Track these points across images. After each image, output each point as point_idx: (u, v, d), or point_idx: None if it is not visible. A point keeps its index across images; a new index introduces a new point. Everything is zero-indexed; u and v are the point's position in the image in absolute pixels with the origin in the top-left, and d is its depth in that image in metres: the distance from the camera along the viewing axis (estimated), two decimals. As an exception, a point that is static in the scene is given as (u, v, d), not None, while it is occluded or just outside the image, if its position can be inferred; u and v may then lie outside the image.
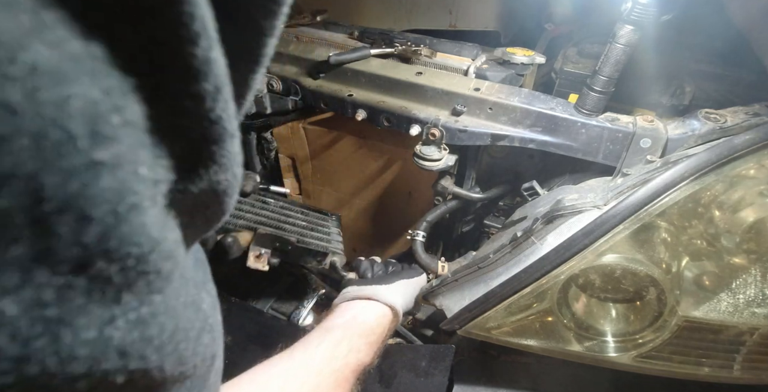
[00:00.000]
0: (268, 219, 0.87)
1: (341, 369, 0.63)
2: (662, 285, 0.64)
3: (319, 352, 0.63)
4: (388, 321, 0.77)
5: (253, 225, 0.83)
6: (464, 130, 0.83)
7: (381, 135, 1.06)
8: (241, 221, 0.82)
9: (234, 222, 0.81)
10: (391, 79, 0.90)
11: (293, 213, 0.94)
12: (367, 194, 1.20)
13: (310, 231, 0.92)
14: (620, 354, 0.69)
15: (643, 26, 0.68)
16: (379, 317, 0.75)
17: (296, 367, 0.60)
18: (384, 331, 0.75)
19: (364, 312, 0.75)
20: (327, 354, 0.64)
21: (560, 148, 0.80)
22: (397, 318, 0.79)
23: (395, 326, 0.80)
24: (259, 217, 0.86)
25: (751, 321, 0.64)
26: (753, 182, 0.62)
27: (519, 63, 0.90)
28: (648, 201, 0.60)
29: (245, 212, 0.85)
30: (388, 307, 0.77)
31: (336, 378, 0.61)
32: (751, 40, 0.70)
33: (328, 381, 0.60)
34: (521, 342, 0.72)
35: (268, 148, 1.18)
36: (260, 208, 0.89)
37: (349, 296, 0.79)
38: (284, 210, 0.93)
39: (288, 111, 1.04)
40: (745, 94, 0.81)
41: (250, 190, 0.83)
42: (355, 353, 0.66)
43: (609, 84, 0.74)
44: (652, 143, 0.74)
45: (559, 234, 0.65)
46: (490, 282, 0.70)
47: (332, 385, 0.60)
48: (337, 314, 0.75)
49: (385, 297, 0.77)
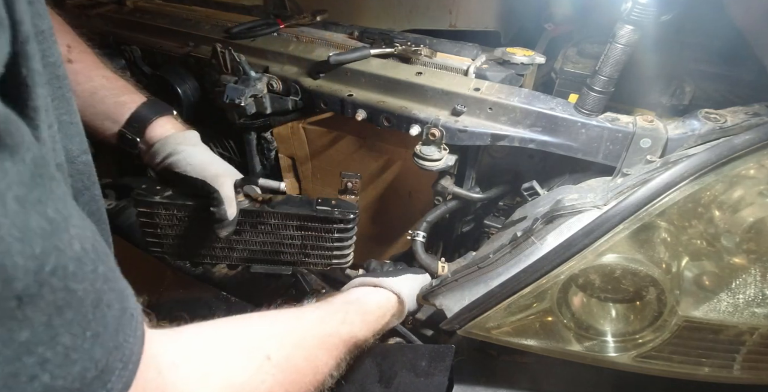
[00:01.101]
0: (261, 246, 0.85)
1: (330, 334, 0.63)
2: (662, 285, 0.64)
3: (312, 315, 0.64)
4: (391, 306, 0.78)
5: (246, 256, 0.83)
6: (464, 130, 0.83)
7: (381, 135, 1.06)
8: (235, 254, 0.82)
9: (229, 256, 0.82)
10: (391, 79, 0.90)
11: (291, 232, 0.86)
12: (367, 194, 1.20)
13: (310, 249, 0.88)
14: (620, 354, 0.69)
15: (643, 26, 0.68)
16: (381, 300, 0.77)
17: (286, 319, 0.60)
18: (385, 314, 0.76)
19: (367, 295, 0.77)
20: (319, 318, 0.64)
21: (560, 148, 0.80)
22: (401, 307, 0.80)
23: (400, 314, 0.81)
24: (251, 247, 0.85)
25: (751, 321, 0.64)
26: (753, 182, 0.62)
27: (519, 63, 0.90)
28: (648, 201, 0.60)
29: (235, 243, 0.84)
30: (393, 294, 0.78)
31: (323, 341, 0.61)
32: (751, 40, 0.70)
33: (314, 341, 0.60)
34: (521, 342, 0.72)
35: (268, 148, 1.18)
36: (251, 234, 0.85)
37: (356, 282, 0.81)
38: (279, 230, 0.86)
39: (288, 111, 1.04)
40: (745, 94, 0.81)
41: (223, 236, 0.79)
42: (349, 325, 0.66)
43: (609, 84, 0.74)
44: (652, 143, 0.74)
45: (559, 234, 0.65)
46: (490, 282, 0.70)
47: (317, 345, 0.60)
48: (341, 294, 0.77)
49: (391, 285, 0.78)
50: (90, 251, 0.30)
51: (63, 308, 0.27)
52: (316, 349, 0.59)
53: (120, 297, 0.33)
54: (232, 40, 1.06)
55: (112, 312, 0.32)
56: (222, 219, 0.77)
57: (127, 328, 0.34)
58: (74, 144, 0.44)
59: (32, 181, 0.26)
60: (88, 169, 0.47)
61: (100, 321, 0.30)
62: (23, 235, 0.24)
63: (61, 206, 0.28)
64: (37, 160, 0.27)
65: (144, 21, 1.20)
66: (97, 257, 0.31)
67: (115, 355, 0.32)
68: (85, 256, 0.29)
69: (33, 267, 0.25)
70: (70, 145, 0.44)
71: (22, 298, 0.25)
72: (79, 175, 0.46)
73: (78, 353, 0.28)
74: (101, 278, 0.31)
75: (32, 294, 0.25)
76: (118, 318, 0.32)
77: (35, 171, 0.27)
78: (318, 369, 0.58)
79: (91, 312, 0.30)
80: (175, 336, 0.46)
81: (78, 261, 0.28)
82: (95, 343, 0.30)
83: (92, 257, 0.30)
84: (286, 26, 1.08)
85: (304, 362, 0.56)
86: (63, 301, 0.27)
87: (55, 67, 0.40)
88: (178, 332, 0.47)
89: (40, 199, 0.26)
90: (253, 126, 1.10)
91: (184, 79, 1.08)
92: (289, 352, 0.54)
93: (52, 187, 0.28)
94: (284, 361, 0.53)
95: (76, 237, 0.29)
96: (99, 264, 0.31)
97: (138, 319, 0.36)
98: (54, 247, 0.26)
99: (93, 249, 0.30)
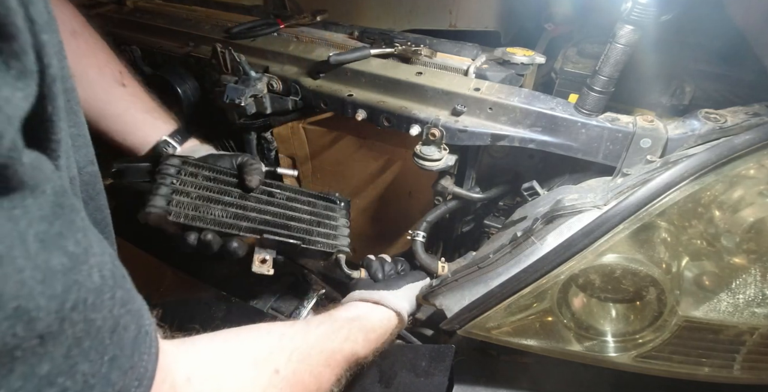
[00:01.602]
0: (273, 217, 0.85)
1: (334, 351, 0.64)
2: (662, 285, 0.64)
3: (318, 330, 0.65)
4: (392, 326, 0.79)
5: (257, 227, 0.82)
6: (464, 130, 0.83)
7: (381, 135, 1.06)
8: (245, 223, 0.81)
9: (239, 225, 0.80)
10: (391, 79, 0.90)
11: (300, 206, 0.91)
12: (367, 194, 1.20)
13: (317, 226, 0.90)
14: (620, 354, 0.69)
15: (643, 26, 0.68)
16: (383, 320, 0.78)
17: (294, 333, 0.61)
18: (385, 333, 0.77)
19: (368, 313, 0.78)
20: (324, 334, 0.65)
21: (560, 148, 0.80)
22: (402, 324, 0.81)
23: (399, 331, 0.82)
24: (264, 216, 0.84)
25: (751, 321, 0.64)
26: (753, 182, 0.62)
27: (519, 63, 0.90)
28: (648, 201, 0.60)
29: (249, 211, 0.83)
30: (394, 312, 0.79)
31: (327, 358, 0.62)
32: (751, 40, 0.70)
33: (319, 356, 0.60)
34: (521, 342, 0.72)
35: (268, 148, 1.18)
36: (266, 203, 0.87)
37: (356, 296, 0.81)
38: (290, 202, 0.91)
39: (288, 111, 1.03)
40: (745, 94, 0.81)
41: (254, 185, 0.83)
42: (351, 343, 0.67)
43: (609, 84, 0.74)
44: (652, 143, 0.74)
45: (559, 234, 0.65)
46: (490, 282, 0.70)
47: (322, 362, 0.61)
48: (343, 309, 0.78)
49: (393, 304, 0.79)
50: (108, 278, 0.31)
51: (82, 338, 0.28)
52: (322, 366, 0.60)
53: (136, 318, 0.34)
54: (232, 40, 1.06)
55: (128, 333, 0.33)
56: (255, 165, 0.85)
57: (143, 346, 0.34)
58: (81, 155, 0.45)
59: (53, 213, 0.27)
60: (94, 179, 0.48)
61: (117, 345, 0.31)
62: (45, 276, 0.25)
63: (81, 236, 0.29)
64: (57, 189, 0.27)
65: (144, 21, 1.20)
66: (115, 283, 0.31)
67: (131, 375, 0.33)
68: (104, 285, 0.30)
69: (55, 306, 0.25)
70: (77, 156, 0.45)
71: (44, 336, 0.25)
72: (85, 186, 0.46)
73: (96, 378, 0.29)
74: (119, 303, 0.31)
75: (53, 331, 0.26)
76: (134, 339, 0.33)
77: (56, 201, 0.27)
78: (321, 384, 0.59)
79: (109, 337, 0.30)
80: (188, 348, 0.46)
81: (97, 291, 0.29)
82: (112, 367, 0.31)
83: (110, 284, 0.31)
84: (286, 26, 1.08)
85: (310, 377, 0.57)
86: (82, 332, 0.28)
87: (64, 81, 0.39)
88: (190, 344, 0.48)
89: (61, 233, 0.27)
90: (253, 126, 1.10)
91: (184, 79, 1.08)
92: (296, 367, 0.55)
93: (73, 217, 0.29)
94: (291, 376, 0.54)
95: (95, 267, 0.29)
96: (117, 289, 0.31)
97: (152, 336, 0.36)
98: (74, 282, 0.27)
99: (111, 276, 0.31)
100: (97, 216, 0.49)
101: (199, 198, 0.80)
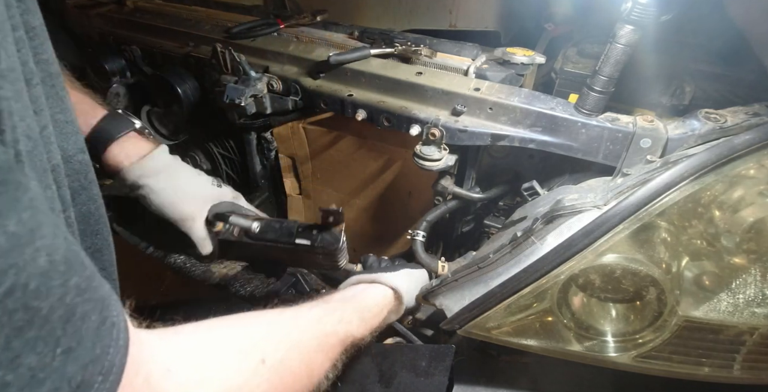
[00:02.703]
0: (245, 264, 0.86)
1: (327, 334, 0.62)
2: (662, 285, 0.64)
3: (309, 314, 0.63)
4: (388, 302, 0.77)
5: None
6: (464, 130, 0.83)
7: (381, 135, 1.06)
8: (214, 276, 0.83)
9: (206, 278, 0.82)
10: (391, 79, 0.90)
11: (275, 253, 0.84)
12: (367, 194, 1.20)
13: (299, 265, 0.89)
14: (620, 354, 0.69)
15: (643, 26, 0.68)
16: (378, 297, 0.76)
17: (283, 320, 0.59)
18: (381, 311, 0.75)
19: (364, 291, 0.76)
20: (317, 318, 0.63)
21: (560, 148, 0.80)
22: (399, 302, 0.79)
23: (398, 309, 0.81)
24: (235, 265, 0.86)
25: (751, 321, 0.64)
26: (753, 182, 0.62)
27: (519, 63, 0.90)
28: (648, 201, 0.60)
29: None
30: (390, 289, 0.78)
31: (320, 343, 0.60)
32: (751, 40, 0.70)
33: (311, 342, 0.59)
34: (521, 342, 0.72)
35: (268, 148, 1.18)
36: (241, 257, 0.85)
37: (353, 280, 0.80)
38: (264, 250, 0.84)
39: (288, 111, 1.04)
40: (745, 94, 0.81)
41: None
42: (346, 324, 0.65)
43: (609, 84, 0.74)
44: (652, 143, 0.74)
45: (559, 234, 0.65)
46: (490, 282, 0.70)
47: (314, 346, 0.59)
48: (337, 293, 0.76)
49: (388, 280, 0.78)
50: (60, 263, 0.28)
51: (24, 328, 0.26)
52: (313, 351, 0.59)
53: (99, 307, 0.32)
54: (232, 40, 1.06)
55: (88, 324, 0.30)
56: (199, 257, 0.80)
57: (107, 339, 0.32)
58: (69, 143, 0.43)
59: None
60: (85, 168, 0.46)
61: (73, 336, 0.29)
62: None
63: (26, 216, 0.27)
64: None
65: (144, 21, 1.20)
66: (69, 268, 0.29)
67: (93, 369, 0.30)
68: (53, 270, 0.28)
69: None
70: (65, 144, 0.43)
71: None
72: (75, 175, 0.45)
73: (46, 372, 0.27)
74: (74, 291, 0.29)
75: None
76: (96, 330, 0.31)
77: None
78: (314, 371, 0.58)
79: (61, 327, 0.28)
80: (170, 338, 0.45)
81: (43, 276, 0.27)
82: (67, 360, 0.28)
83: (62, 269, 0.28)
84: (286, 26, 1.08)
85: (300, 364, 0.56)
86: (23, 321, 0.26)
87: (48, 65, 0.39)
88: (173, 333, 0.46)
89: (0, 212, 0.25)
90: (253, 126, 1.10)
91: (184, 79, 1.08)
92: (284, 355, 0.54)
93: (18, 195, 0.27)
94: (279, 364, 0.52)
95: (43, 250, 0.27)
96: (71, 276, 0.29)
97: (120, 327, 0.34)
98: (11, 266, 0.25)
99: (64, 261, 0.29)
100: (90, 207, 0.47)
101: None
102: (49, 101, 0.39)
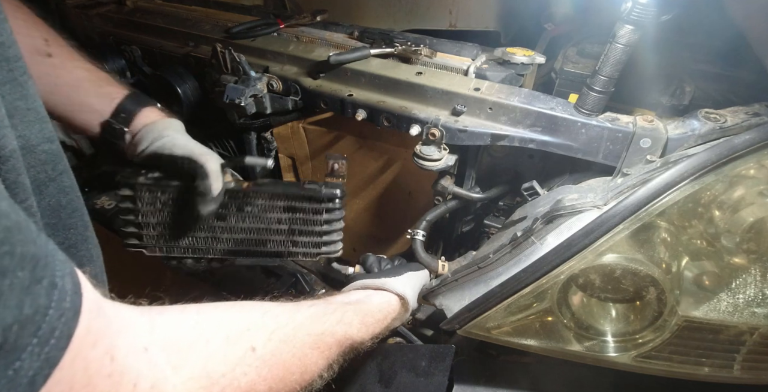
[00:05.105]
0: (246, 234, 0.82)
1: (324, 333, 0.60)
2: (662, 285, 0.64)
3: (308, 310, 0.61)
4: (392, 310, 0.76)
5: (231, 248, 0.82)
6: (464, 130, 0.83)
7: (381, 135, 1.06)
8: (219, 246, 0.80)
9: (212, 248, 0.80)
10: (391, 79, 0.90)
11: (278, 215, 0.83)
12: (367, 194, 1.20)
13: (298, 236, 0.85)
14: (620, 354, 0.69)
15: (643, 26, 0.68)
16: (382, 303, 0.75)
17: (279, 312, 0.57)
18: (385, 318, 0.74)
19: (368, 297, 0.75)
20: (315, 315, 0.61)
21: (560, 147, 0.80)
22: (405, 308, 0.78)
23: (403, 316, 0.80)
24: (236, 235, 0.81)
25: (751, 321, 0.64)
26: (753, 182, 0.62)
27: (519, 63, 0.90)
28: (648, 201, 0.60)
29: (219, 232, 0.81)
30: (396, 296, 0.77)
31: (315, 340, 0.58)
32: (751, 40, 0.70)
33: (306, 339, 0.57)
34: (521, 342, 0.72)
35: (268, 148, 1.18)
36: (237, 218, 0.81)
37: (358, 285, 0.79)
38: (266, 213, 0.82)
39: (288, 111, 1.03)
40: (745, 94, 0.81)
41: (206, 212, 0.75)
42: (345, 326, 0.64)
43: (609, 84, 0.74)
44: (652, 143, 0.74)
45: (559, 234, 0.65)
46: (490, 282, 0.70)
47: (310, 343, 0.57)
48: (340, 295, 0.76)
49: (395, 287, 0.77)
50: None
51: None
52: (308, 347, 0.57)
53: (30, 265, 0.29)
54: (232, 40, 1.06)
55: (9, 281, 0.27)
56: (205, 193, 0.73)
57: (42, 299, 0.29)
58: (33, 131, 0.41)
59: None
60: (53, 159, 0.44)
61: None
62: None
63: None
64: None
65: (144, 21, 1.20)
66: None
67: (22, 331, 0.27)
68: None
69: None
70: (27, 132, 0.41)
71: None
72: (41, 165, 0.43)
73: None
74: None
75: None
76: (24, 289, 0.28)
77: None
78: (307, 367, 0.56)
79: None
80: (153, 316, 0.42)
81: None
82: None
83: None
84: (286, 26, 1.08)
85: (293, 359, 0.54)
86: None
87: (4, 48, 0.37)
88: (157, 313, 0.43)
89: None
90: (253, 126, 1.10)
91: (184, 79, 1.08)
92: (276, 347, 0.52)
93: None
94: (270, 355, 0.50)
95: None
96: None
97: (65, 289, 0.31)
98: None
99: None
100: (61, 200, 0.45)
101: (165, 226, 0.81)
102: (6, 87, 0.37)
